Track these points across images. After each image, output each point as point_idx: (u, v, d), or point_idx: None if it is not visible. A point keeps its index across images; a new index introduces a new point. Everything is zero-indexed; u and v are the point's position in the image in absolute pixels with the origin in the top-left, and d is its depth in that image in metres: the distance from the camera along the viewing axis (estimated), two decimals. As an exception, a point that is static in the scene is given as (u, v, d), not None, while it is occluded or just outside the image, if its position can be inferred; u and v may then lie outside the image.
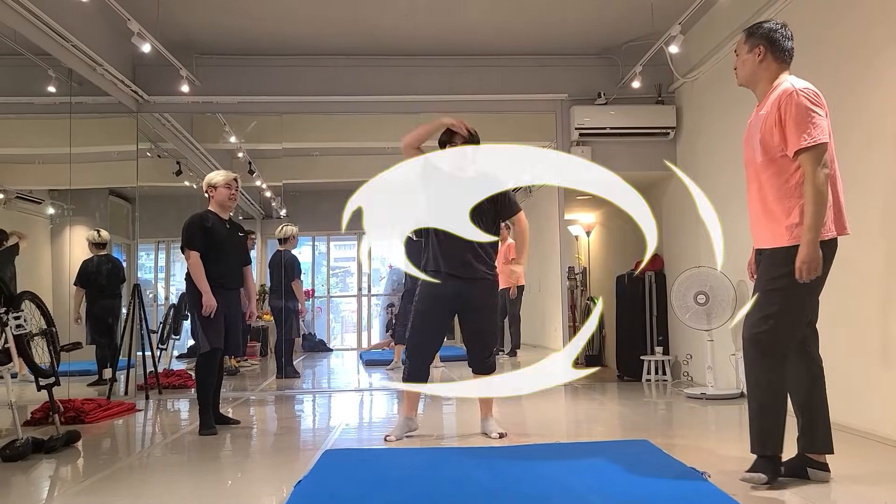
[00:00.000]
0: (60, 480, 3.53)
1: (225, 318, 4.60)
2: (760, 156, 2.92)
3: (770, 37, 2.98)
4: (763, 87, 3.01)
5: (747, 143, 3.07)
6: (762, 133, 2.90)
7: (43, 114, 6.08)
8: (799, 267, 2.78)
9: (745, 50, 3.03)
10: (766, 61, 2.98)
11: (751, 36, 3.01)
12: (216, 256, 4.60)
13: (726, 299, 5.62)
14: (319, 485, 3.06)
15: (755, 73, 3.01)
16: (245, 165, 8.14)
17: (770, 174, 2.92)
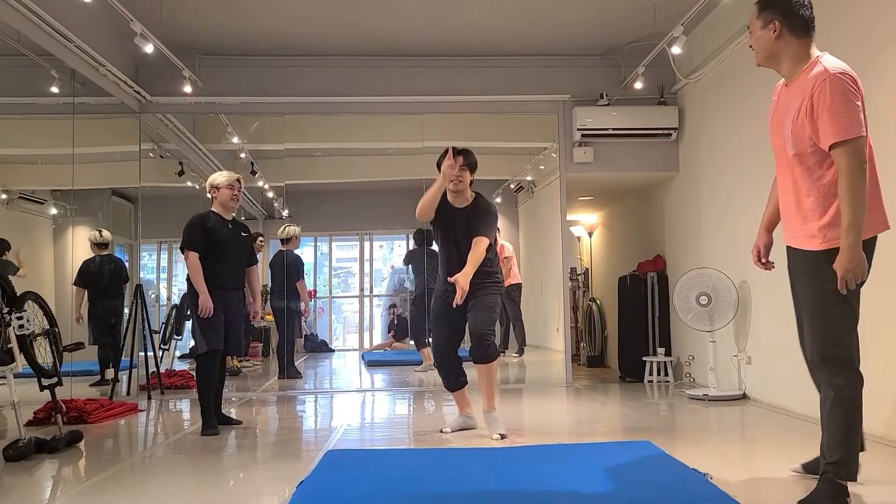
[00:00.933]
0: (63, 480, 3.54)
1: (225, 318, 4.60)
2: (792, 149, 2.63)
3: (784, 8, 2.65)
4: (788, 65, 2.70)
5: (776, 129, 2.76)
6: (794, 125, 2.61)
7: (46, 114, 6.09)
8: (843, 276, 2.51)
9: (758, 26, 2.72)
10: (783, 37, 2.66)
11: (764, 9, 2.70)
12: (217, 257, 4.60)
13: (728, 300, 5.62)
14: (321, 485, 3.06)
15: (774, 52, 2.70)
16: (247, 166, 8.15)
17: (803, 169, 2.63)
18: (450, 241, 4.27)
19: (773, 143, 2.81)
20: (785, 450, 3.71)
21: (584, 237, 9.62)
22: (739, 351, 5.67)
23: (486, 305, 4.19)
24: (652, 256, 7.28)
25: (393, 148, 8.35)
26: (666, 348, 6.85)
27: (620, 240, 8.69)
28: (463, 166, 4.18)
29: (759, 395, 5.35)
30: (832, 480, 2.59)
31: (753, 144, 5.37)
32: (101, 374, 6.42)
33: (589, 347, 8.64)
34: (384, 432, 4.78)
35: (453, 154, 4.16)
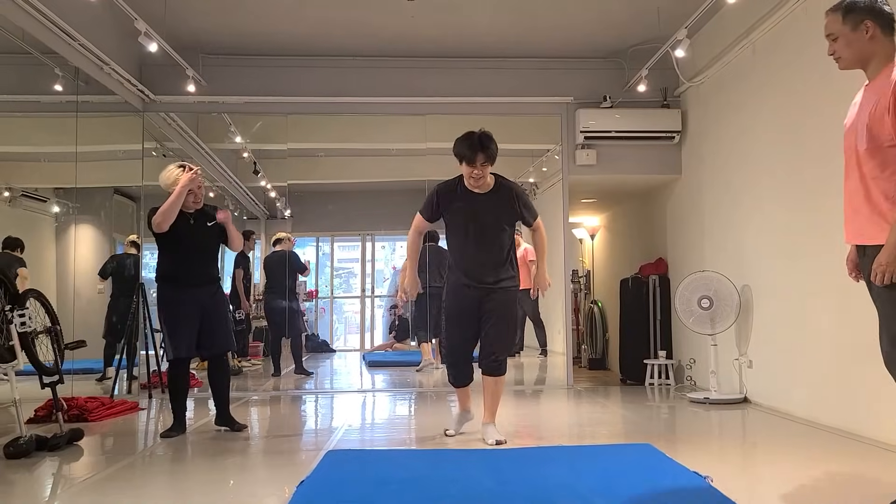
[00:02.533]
0: (63, 478, 3.54)
1: (201, 318, 4.42)
2: (865, 143, 2.59)
3: (874, 8, 2.63)
4: (877, 63, 2.66)
5: (849, 130, 2.73)
6: (871, 118, 2.57)
7: (49, 112, 6.09)
8: (875, 268, 2.50)
9: (846, 30, 2.66)
10: (876, 36, 2.62)
11: (850, 12, 2.65)
12: (181, 254, 4.41)
13: (730, 304, 5.61)
14: (321, 486, 3.05)
15: (867, 52, 2.65)
16: (250, 165, 8.16)
17: (873, 165, 2.59)
18: (474, 230, 4.06)
19: (847, 145, 2.76)
20: (786, 454, 3.70)
21: (587, 239, 9.61)
22: (741, 354, 5.66)
23: (508, 320, 4.14)
24: (654, 259, 7.27)
25: (396, 149, 8.35)
26: (667, 351, 6.84)
27: (622, 242, 8.68)
28: (484, 163, 3.98)
29: (761, 399, 5.34)
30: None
31: (756, 148, 5.37)
32: (105, 371, 6.43)
33: (590, 350, 8.64)
34: (385, 433, 4.78)
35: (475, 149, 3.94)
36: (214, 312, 4.47)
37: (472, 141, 3.97)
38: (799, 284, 4.74)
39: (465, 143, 3.98)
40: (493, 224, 4.07)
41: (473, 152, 3.94)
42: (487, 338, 4.11)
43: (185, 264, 4.43)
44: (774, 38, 5.06)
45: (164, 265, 4.48)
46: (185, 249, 4.42)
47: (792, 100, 4.85)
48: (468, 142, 3.98)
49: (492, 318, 4.08)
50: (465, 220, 4.08)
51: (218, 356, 4.61)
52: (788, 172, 4.91)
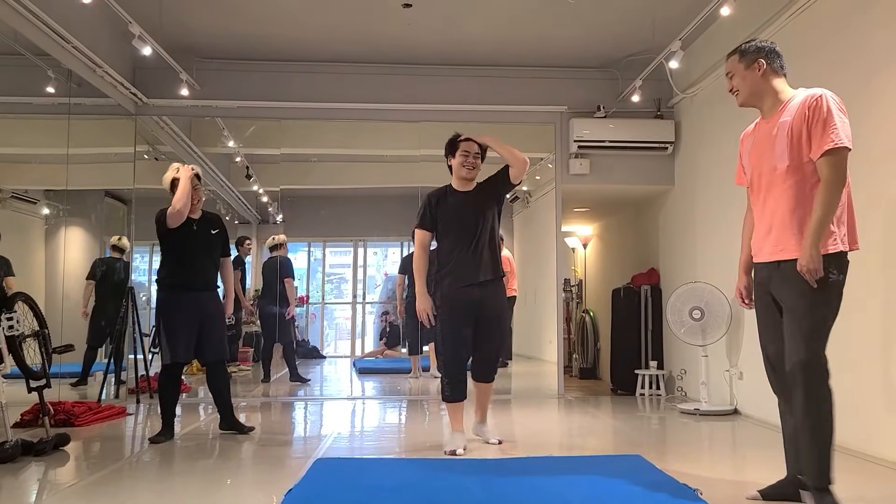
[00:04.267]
0: (49, 484, 3.50)
1: (200, 323, 4.47)
2: (786, 160, 2.83)
3: (765, 50, 2.96)
4: (770, 100, 2.97)
5: (755, 157, 3.00)
6: (791, 137, 2.82)
7: (41, 114, 6.06)
8: (803, 266, 2.70)
9: (741, 68, 2.99)
10: (767, 74, 2.95)
11: (746, 53, 2.98)
12: (182, 259, 4.45)
13: (721, 315, 5.62)
14: (310, 494, 3.03)
15: (759, 88, 2.97)
16: (242, 170, 8.13)
17: (794, 182, 2.83)
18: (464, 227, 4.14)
19: (755, 173, 3.01)
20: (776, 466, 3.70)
21: (579, 248, 9.62)
22: (731, 366, 5.67)
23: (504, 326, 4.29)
24: (646, 269, 7.28)
25: (389, 155, 8.35)
26: (658, 362, 6.85)
27: (615, 252, 8.69)
28: (477, 153, 4.19)
29: (751, 411, 5.35)
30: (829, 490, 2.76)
31: (749, 160, 5.39)
32: (84, 376, 6.36)
33: (581, 359, 8.63)
34: (374, 441, 4.76)
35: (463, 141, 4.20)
36: (212, 318, 4.53)
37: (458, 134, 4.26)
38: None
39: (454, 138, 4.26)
40: (481, 216, 4.16)
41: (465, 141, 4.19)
42: (484, 348, 4.19)
43: (186, 269, 4.48)
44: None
45: (165, 270, 4.51)
46: (187, 254, 4.49)
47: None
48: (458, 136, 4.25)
49: (488, 330, 4.14)
50: (454, 216, 4.18)
51: (217, 362, 4.65)
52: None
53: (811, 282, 2.71)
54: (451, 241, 4.17)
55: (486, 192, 4.24)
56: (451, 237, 4.18)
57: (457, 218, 4.16)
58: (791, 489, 2.94)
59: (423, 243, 4.24)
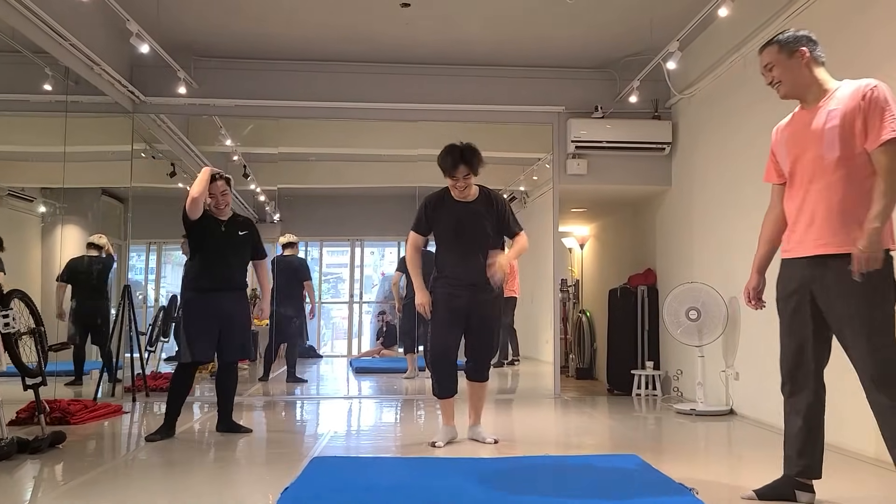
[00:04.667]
0: (44, 482, 3.49)
1: (221, 324, 4.51)
2: (837, 151, 2.71)
3: (806, 37, 2.85)
4: (815, 90, 2.85)
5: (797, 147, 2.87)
6: (842, 126, 2.71)
7: (38, 112, 6.04)
8: (857, 256, 2.58)
9: (783, 58, 2.86)
10: (811, 63, 2.84)
11: (787, 44, 2.86)
12: (207, 259, 4.51)
13: (718, 316, 5.63)
14: (306, 492, 3.03)
15: (804, 78, 2.85)
16: (240, 169, 8.12)
17: (844, 173, 2.72)
18: (461, 237, 4.14)
19: (798, 165, 2.87)
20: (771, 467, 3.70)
21: (576, 249, 9.63)
22: (727, 366, 5.67)
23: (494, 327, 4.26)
24: (643, 270, 7.29)
25: (387, 155, 8.34)
26: (654, 362, 6.86)
27: (612, 252, 8.70)
28: (467, 175, 4.09)
29: (747, 411, 5.35)
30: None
31: (746, 161, 5.40)
32: (77, 374, 6.32)
33: (578, 359, 8.64)
34: (371, 440, 4.76)
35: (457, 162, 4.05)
36: (235, 320, 4.56)
37: (454, 154, 4.09)
38: (786, 297, 4.75)
39: (447, 157, 4.11)
40: (479, 231, 4.16)
41: (454, 165, 4.07)
42: (476, 347, 4.23)
43: (210, 270, 4.53)
44: (765, 53, 5.09)
45: (191, 270, 4.57)
46: (213, 255, 4.53)
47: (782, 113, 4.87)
48: (451, 155, 4.10)
49: (479, 328, 4.16)
50: (453, 227, 4.17)
51: (231, 363, 4.67)
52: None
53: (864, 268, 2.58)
54: (447, 247, 4.21)
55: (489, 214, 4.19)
56: (447, 243, 4.21)
57: (454, 226, 4.17)
58: (787, 489, 2.93)
59: (416, 245, 4.27)
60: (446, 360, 4.21)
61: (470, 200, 4.20)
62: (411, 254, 4.26)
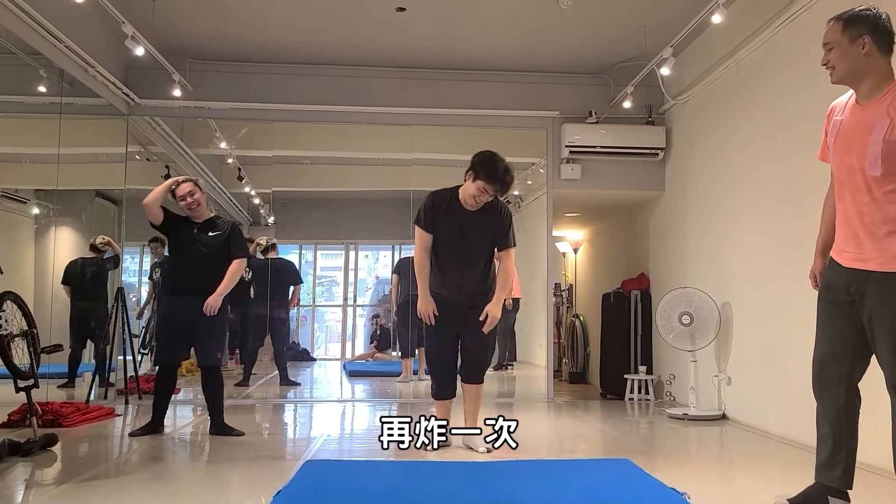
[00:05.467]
0: (36, 484, 3.48)
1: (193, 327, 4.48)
2: (879, 169, 2.51)
3: (874, 24, 2.57)
4: (871, 82, 2.60)
5: (842, 147, 2.68)
6: (886, 144, 2.50)
7: (33, 113, 6.04)
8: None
9: (843, 41, 2.60)
10: (871, 54, 2.57)
11: (850, 24, 2.60)
12: (179, 261, 4.56)
13: (710, 321, 5.65)
14: (299, 496, 3.03)
15: (860, 68, 2.60)
16: (234, 171, 8.12)
17: (888, 191, 2.53)
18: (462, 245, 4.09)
19: (839, 163, 2.70)
20: (763, 471, 3.73)
21: (570, 253, 9.65)
22: (720, 371, 5.69)
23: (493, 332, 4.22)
24: (636, 274, 7.31)
25: (381, 158, 8.35)
26: (647, 366, 6.87)
27: (605, 257, 8.72)
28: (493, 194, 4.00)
29: (739, 416, 5.37)
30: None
31: (739, 167, 5.42)
32: (70, 377, 6.31)
33: (571, 363, 8.65)
34: (364, 443, 4.75)
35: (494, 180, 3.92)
36: (205, 323, 4.49)
37: (499, 171, 3.95)
38: (778, 303, 4.78)
39: (491, 169, 3.95)
40: (481, 240, 4.13)
41: (495, 182, 3.95)
42: (471, 349, 4.22)
43: (183, 272, 4.56)
44: (760, 58, 5.13)
45: (167, 271, 4.60)
46: (185, 257, 4.56)
47: (776, 120, 4.91)
48: (496, 169, 3.95)
49: (475, 330, 4.14)
50: (455, 233, 4.11)
51: (208, 368, 4.62)
52: (769, 192, 4.96)
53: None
54: (447, 252, 4.14)
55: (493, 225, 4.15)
56: (448, 248, 4.13)
57: (457, 233, 4.10)
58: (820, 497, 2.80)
59: (425, 245, 4.14)
60: (446, 362, 4.21)
61: (476, 209, 4.10)
62: (420, 256, 4.14)
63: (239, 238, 4.72)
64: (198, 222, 4.63)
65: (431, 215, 4.11)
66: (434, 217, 4.11)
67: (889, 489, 3.39)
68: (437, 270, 4.18)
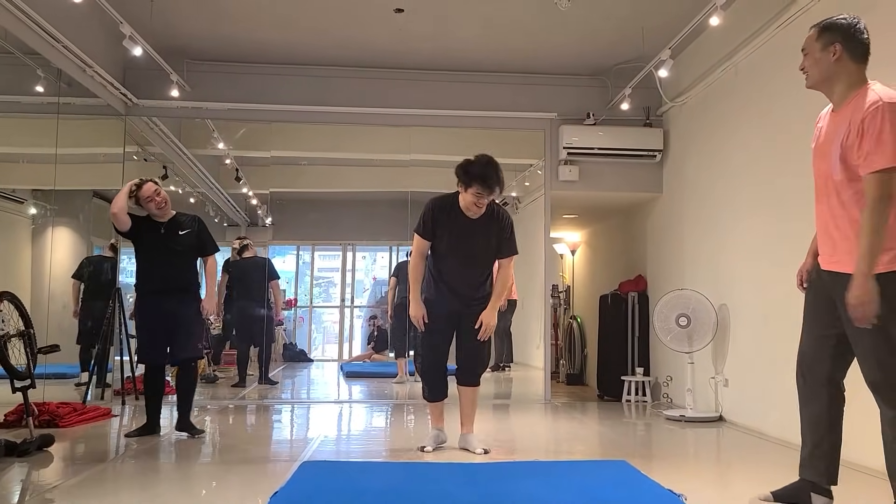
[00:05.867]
0: (32, 485, 3.48)
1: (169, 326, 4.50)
2: (840, 173, 2.62)
3: (847, 32, 2.66)
4: (841, 89, 2.70)
5: (818, 153, 2.78)
6: (843, 149, 2.61)
7: (30, 113, 6.03)
8: (854, 305, 2.51)
9: (817, 48, 2.71)
10: (842, 60, 2.67)
11: (824, 31, 2.70)
12: (149, 262, 4.55)
13: (708, 323, 5.65)
14: (296, 497, 3.03)
15: (831, 74, 2.70)
16: (232, 172, 8.11)
17: (852, 193, 2.62)
18: (461, 251, 4.07)
19: (816, 169, 2.80)
20: (760, 473, 3.73)
21: (567, 255, 9.66)
22: (717, 373, 5.70)
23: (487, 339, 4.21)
24: (633, 276, 7.32)
25: (379, 159, 8.35)
26: (644, 368, 6.88)
27: (603, 258, 8.73)
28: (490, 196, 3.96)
29: (736, 418, 5.38)
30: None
31: (737, 169, 5.43)
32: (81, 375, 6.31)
33: (568, 365, 8.65)
34: (361, 444, 4.75)
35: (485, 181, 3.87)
36: (178, 320, 4.53)
37: (489, 175, 3.91)
38: (775, 305, 4.78)
39: (481, 175, 3.92)
40: (480, 247, 4.12)
41: (488, 187, 3.92)
42: (466, 352, 4.20)
43: (152, 272, 4.55)
44: (757, 61, 5.14)
45: (137, 273, 4.61)
46: (153, 257, 4.55)
47: (773, 122, 4.92)
48: (485, 174, 3.91)
49: (470, 332, 4.13)
50: (455, 240, 4.09)
51: (184, 363, 4.66)
52: (767, 194, 4.97)
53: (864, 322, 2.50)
54: (445, 257, 4.13)
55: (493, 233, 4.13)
56: (446, 254, 4.12)
57: (456, 240, 4.08)
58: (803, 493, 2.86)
59: (422, 252, 4.15)
60: (437, 366, 4.21)
61: (477, 216, 4.07)
62: (416, 261, 4.15)
63: (208, 234, 4.77)
64: (162, 222, 4.60)
65: (432, 223, 4.10)
66: (434, 225, 4.10)
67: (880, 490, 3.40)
68: (435, 276, 4.17)
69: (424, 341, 4.22)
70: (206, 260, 4.75)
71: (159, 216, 4.60)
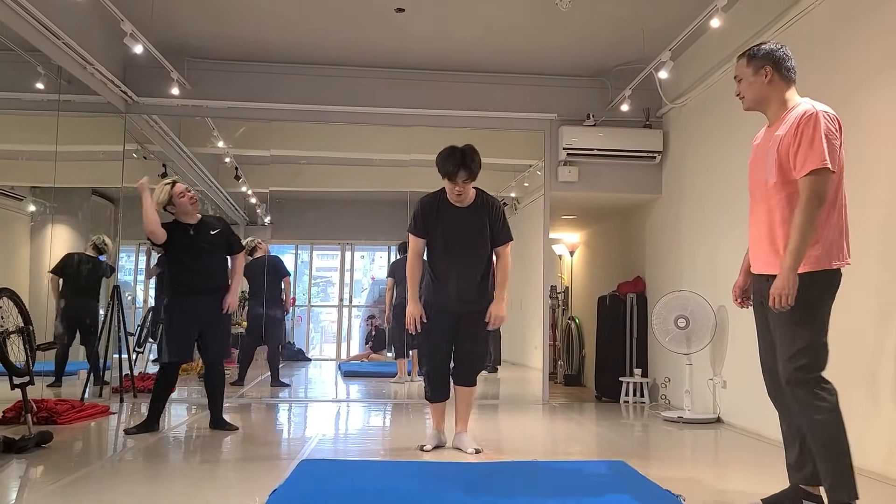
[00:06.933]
0: (30, 481, 3.48)
1: (202, 326, 4.60)
2: (774, 177, 2.81)
3: (773, 56, 2.91)
4: (775, 107, 2.93)
5: (755, 166, 3.00)
6: (779, 153, 2.80)
7: (29, 110, 6.02)
8: (774, 294, 2.68)
9: (749, 73, 2.96)
10: (773, 81, 2.91)
11: (753, 58, 2.94)
12: (182, 264, 4.60)
13: (706, 324, 5.66)
14: (294, 495, 3.03)
15: (764, 95, 2.93)
16: (232, 171, 8.11)
17: (781, 197, 2.81)
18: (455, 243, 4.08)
19: (753, 182, 3.02)
20: (758, 475, 3.74)
21: (566, 256, 9.67)
22: (715, 374, 5.71)
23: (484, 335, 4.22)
24: (632, 277, 7.33)
25: (379, 159, 8.35)
26: (643, 369, 6.89)
27: (601, 260, 8.74)
28: (466, 179, 3.99)
29: (733, 419, 5.39)
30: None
31: (736, 170, 5.44)
32: (57, 375, 6.25)
33: (566, 366, 8.66)
34: (359, 444, 4.76)
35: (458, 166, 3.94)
36: (215, 320, 4.65)
37: (454, 157, 3.99)
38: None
39: (447, 160, 4.00)
40: (473, 237, 4.12)
41: (455, 169, 3.98)
42: (464, 352, 4.21)
43: (186, 274, 4.61)
44: (756, 64, 5.14)
45: (171, 274, 4.67)
46: (185, 260, 4.60)
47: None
48: (451, 158, 4.00)
49: (469, 333, 4.15)
50: (447, 232, 4.10)
51: (214, 363, 4.76)
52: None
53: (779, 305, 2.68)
54: (440, 253, 4.13)
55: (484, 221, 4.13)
56: (441, 249, 4.13)
57: (449, 232, 4.09)
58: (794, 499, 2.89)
59: (418, 251, 4.16)
60: (440, 366, 4.21)
61: (466, 205, 4.11)
62: (412, 261, 4.16)
63: (234, 233, 4.92)
64: (191, 224, 4.67)
65: (423, 220, 4.13)
66: (425, 221, 4.12)
67: (880, 490, 3.41)
68: (434, 274, 4.17)
69: (426, 344, 4.22)
70: (235, 258, 4.85)
71: (189, 218, 4.67)
